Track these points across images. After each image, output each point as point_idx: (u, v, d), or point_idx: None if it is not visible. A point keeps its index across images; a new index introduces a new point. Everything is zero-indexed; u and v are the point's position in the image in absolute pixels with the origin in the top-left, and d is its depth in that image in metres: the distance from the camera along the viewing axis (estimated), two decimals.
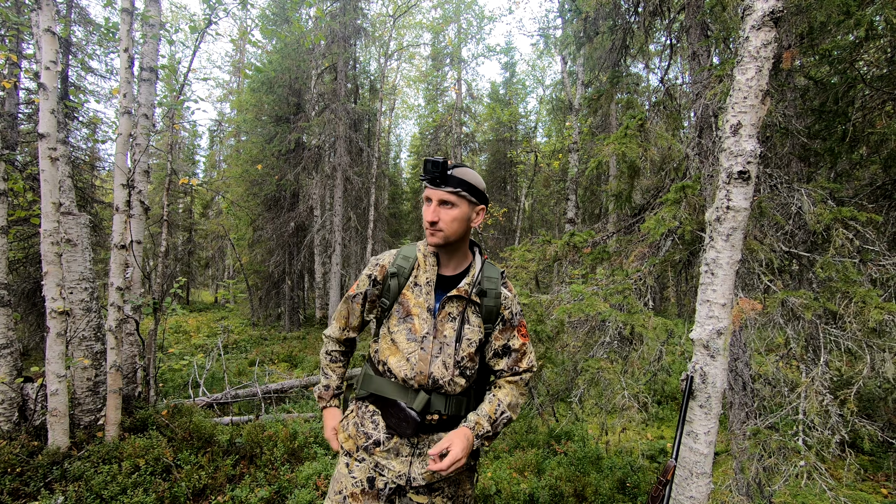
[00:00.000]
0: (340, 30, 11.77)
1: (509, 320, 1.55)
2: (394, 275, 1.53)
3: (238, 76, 22.20)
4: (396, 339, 1.49)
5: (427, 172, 1.42)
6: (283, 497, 3.30)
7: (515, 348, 1.55)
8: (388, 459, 1.47)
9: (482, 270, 1.53)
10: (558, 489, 3.62)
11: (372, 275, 1.58)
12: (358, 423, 1.55)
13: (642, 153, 3.25)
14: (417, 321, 1.48)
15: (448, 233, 1.44)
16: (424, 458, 1.47)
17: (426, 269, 1.53)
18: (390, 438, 1.48)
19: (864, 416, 3.46)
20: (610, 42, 4.36)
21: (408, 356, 1.46)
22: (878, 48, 3.74)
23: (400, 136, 26.68)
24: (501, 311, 1.54)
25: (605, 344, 3.01)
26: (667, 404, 6.33)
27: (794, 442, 2.27)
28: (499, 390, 1.55)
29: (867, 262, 2.49)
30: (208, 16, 5.48)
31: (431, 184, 1.44)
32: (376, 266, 1.58)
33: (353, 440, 1.54)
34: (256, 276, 14.18)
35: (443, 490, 1.52)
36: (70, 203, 4.17)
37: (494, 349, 1.55)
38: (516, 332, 1.56)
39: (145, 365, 4.78)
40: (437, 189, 1.43)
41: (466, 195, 1.44)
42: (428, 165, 1.42)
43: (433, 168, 1.41)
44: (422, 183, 1.49)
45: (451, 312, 1.49)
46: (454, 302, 1.49)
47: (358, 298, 1.61)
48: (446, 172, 1.42)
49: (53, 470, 3.21)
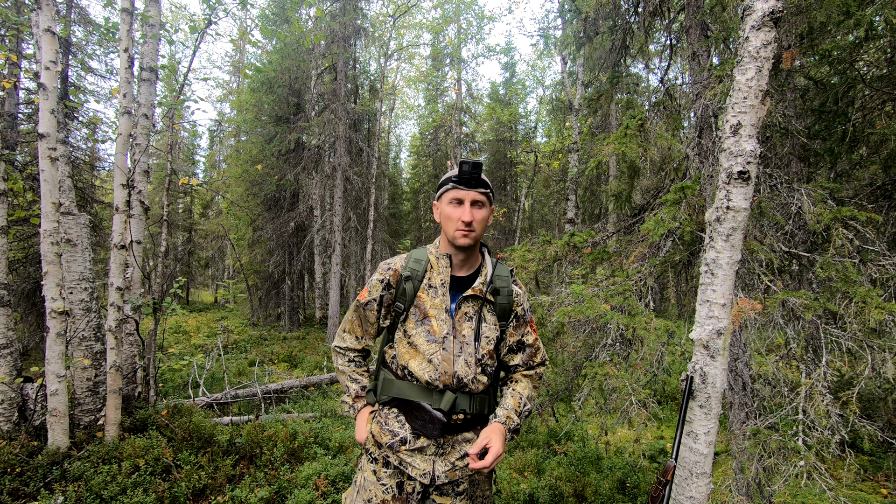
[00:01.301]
0: (340, 30, 11.77)
1: (522, 316, 1.60)
2: (408, 278, 1.53)
3: (238, 76, 22.21)
4: (415, 341, 1.49)
5: (464, 174, 1.44)
6: (283, 497, 3.30)
7: (529, 343, 1.61)
8: (413, 457, 1.48)
9: (494, 270, 1.57)
10: (558, 489, 3.61)
11: (385, 279, 1.56)
12: (382, 422, 1.54)
13: (642, 153, 3.25)
14: (436, 322, 1.49)
15: (479, 233, 1.48)
16: (448, 457, 1.50)
17: (439, 270, 1.54)
18: (416, 438, 1.49)
19: (864, 416, 3.46)
20: (610, 42, 4.36)
21: (430, 357, 1.47)
22: (878, 48, 3.74)
23: (400, 136, 26.70)
24: (514, 308, 1.58)
25: (607, 346, 3.01)
26: (667, 404, 6.33)
27: (794, 442, 2.27)
28: (517, 384, 1.61)
29: (867, 262, 2.49)
30: (208, 16, 5.48)
31: (465, 185, 1.45)
32: (389, 270, 1.57)
33: (376, 439, 1.54)
34: (256, 276, 14.18)
35: (466, 491, 1.54)
36: (70, 203, 4.17)
37: (509, 345, 1.60)
38: (529, 328, 1.61)
39: (145, 365, 4.78)
40: (471, 190, 1.45)
41: (491, 195, 1.51)
42: (466, 167, 1.43)
43: (473, 170, 1.43)
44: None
45: (467, 312, 1.52)
46: (470, 301, 1.53)
47: (372, 305, 1.59)
48: (481, 174, 1.47)
49: (53, 470, 3.21)
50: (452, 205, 1.48)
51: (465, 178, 1.44)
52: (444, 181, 1.52)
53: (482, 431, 1.45)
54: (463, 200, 1.46)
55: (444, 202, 1.50)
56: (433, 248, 1.59)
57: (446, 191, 1.49)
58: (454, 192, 1.47)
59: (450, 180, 1.49)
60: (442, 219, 1.53)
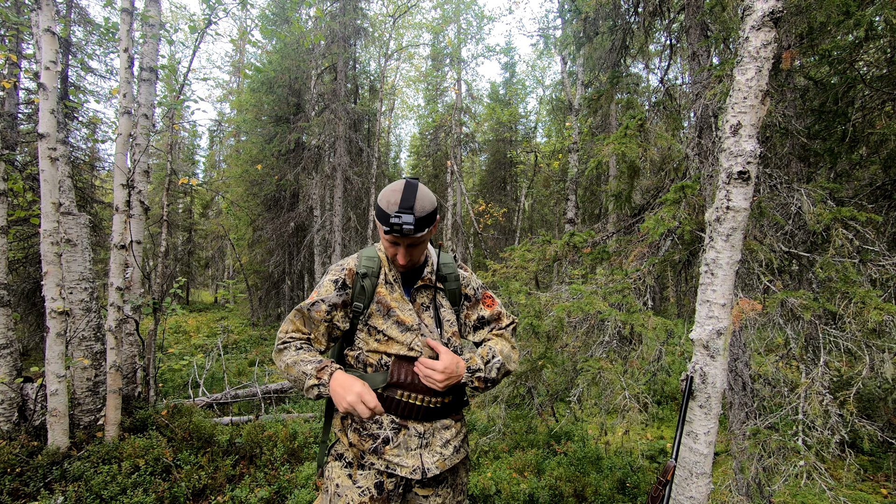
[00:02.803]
0: (340, 30, 11.77)
1: (472, 296, 1.66)
2: (364, 275, 1.52)
3: (238, 76, 22.20)
4: (389, 333, 1.49)
5: (399, 230, 1.34)
6: (283, 497, 3.30)
7: (489, 316, 1.66)
8: (400, 456, 1.46)
9: (438, 259, 1.61)
10: (558, 489, 3.61)
11: (340, 279, 1.52)
12: (359, 428, 1.49)
13: (642, 153, 3.25)
14: (402, 314, 1.50)
15: (418, 261, 1.51)
16: (433, 447, 1.49)
17: (390, 267, 1.57)
18: (398, 433, 1.47)
19: (863, 416, 3.46)
20: (610, 42, 4.36)
21: (410, 346, 1.48)
22: (878, 48, 3.74)
23: (400, 136, 26.69)
24: (464, 291, 1.65)
25: (604, 343, 3.01)
26: (667, 404, 6.33)
27: (794, 442, 2.27)
28: (488, 342, 1.62)
29: (867, 262, 2.49)
30: (208, 16, 5.48)
31: (390, 232, 1.37)
32: (343, 270, 1.54)
33: (356, 448, 1.49)
34: (256, 276, 14.19)
35: (446, 479, 1.54)
36: (70, 203, 4.17)
37: (471, 325, 1.66)
38: (482, 304, 1.66)
39: (145, 365, 4.78)
40: (405, 237, 1.39)
41: (431, 227, 1.45)
42: (398, 227, 1.33)
43: (411, 227, 1.34)
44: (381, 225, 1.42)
45: (423, 302, 1.57)
46: (422, 291, 1.57)
47: (319, 306, 1.49)
48: (416, 226, 1.38)
49: (53, 470, 3.21)
50: (385, 240, 1.44)
51: (391, 231, 1.36)
52: (379, 213, 1.42)
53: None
54: (399, 244, 1.43)
55: (379, 229, 1.46)
56: (381, 245, 1.61)
57: (379, 225, 1.43)
58: (390, 237, 1.41)
59: (382, 219, 1.40)
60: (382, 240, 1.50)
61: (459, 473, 1.61)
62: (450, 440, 1.53)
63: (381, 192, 1.53)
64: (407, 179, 1.43)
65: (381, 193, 1.44)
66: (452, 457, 1.52)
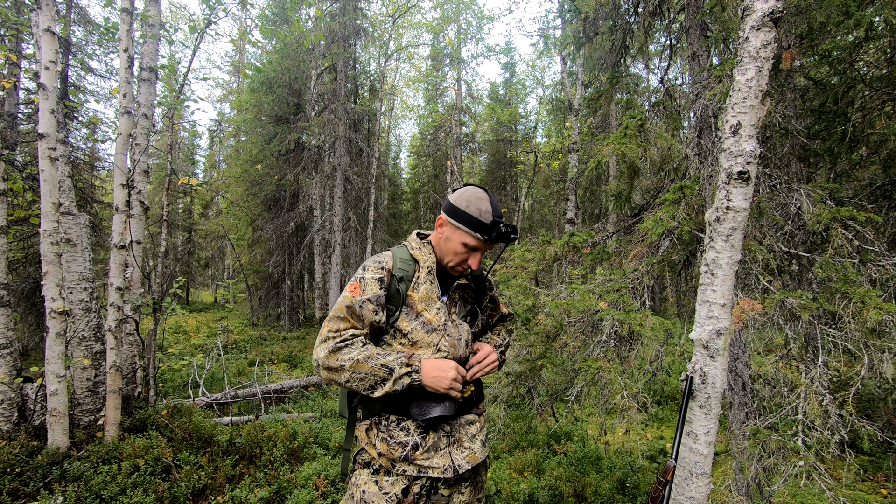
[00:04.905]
0: (340, 30, 11.77)
1: (496, 298, 1.84)
2: (400, 279, 1.52)
3: (238, 76, 22.20)
4: (414, 337, 1.50)
5: (505, 238, 1.47)
6: (283, 497, 3.30)
7: (502, 314, 1.90)
8: (430, 459, 1.47)
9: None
10: (558, 489, 3.61)
11: (381, 277, 1.50)
12: (386, 438, 1.48)
13: (642, 153, 3.25)
14: (430, 314, 1.53)
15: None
16: (461, 443, 1.54)
17: (424, 258, 1.59)
18: (426, 436, 1.48)
19: (863, 416, 3.46)
20: (610, 42, 4.36)
21: (437, 346, 1.51)
22: (878, 48, 3.74)
23: (400, 136, 26.70)
24: (489, 293, 1.80)
25: (602, 343, 3.01)
26: (666, 404, 6.33)
27: (794, 442, 2.27)
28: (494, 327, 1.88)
29: (866, 262, 2.49)
30: (208, 16, 5.48)
31: (490, 240, 1.48)
32: (382, 269, 1.51)
33: (386, 457, 1.47)
34: (256, 276, 14.17)
35: (469, 477, 1.58)
36: (70, 203, 4.17)
37: (492, 325, 1.88)
38: (501, 306, 1.88)
39: (145, 365, 4.78)
40: (488, 244, 1.51)
41: None
42: (508, 236, 1.47)
43: (517, 236, 1.50)
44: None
45: (454, 298, 1.64)
46: (457, 289, 1.65)
47: (367, 305, 1.45)
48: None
49: (53, 470, 3.21)
50: (463, 245, 1.51)
51: (492, 238, 1.47)
52: (468, 219, 1.47)
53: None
54: (478, 249, 1.51)
55: (456, 234, 1.50)
56: (414, 242, 1.63)
57: (465, 231, 1.49)
58: (473, 241, 1.49)
59: (476, 226, 1.46)
60: (444, 240, 1.55)
61: (480, 471, 1.64)
62: (475, 434, 1.58)
63: (457, 197, 1.53)
64: (481, 187, 1.55)
65: (464, 200, 1.50)
66: (481, 451, 1.58)
